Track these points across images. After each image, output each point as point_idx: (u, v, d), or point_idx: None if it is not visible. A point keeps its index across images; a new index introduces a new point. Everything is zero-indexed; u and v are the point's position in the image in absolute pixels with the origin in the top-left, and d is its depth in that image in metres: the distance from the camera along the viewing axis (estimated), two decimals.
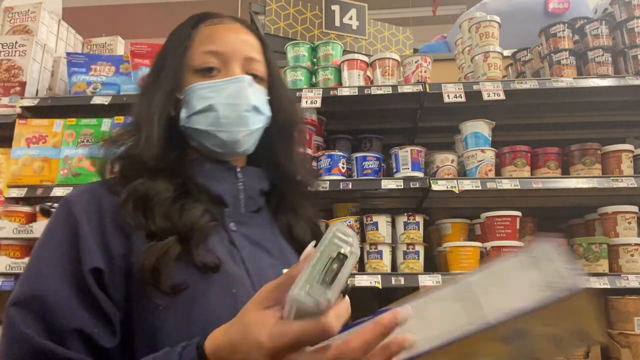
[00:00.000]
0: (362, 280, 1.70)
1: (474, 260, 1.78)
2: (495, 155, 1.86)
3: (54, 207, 0.78)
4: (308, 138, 1.88)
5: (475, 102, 1.81)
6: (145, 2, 5.77)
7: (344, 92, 1.87)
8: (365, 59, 2.01)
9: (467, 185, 1.75)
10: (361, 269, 1.88)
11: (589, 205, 1.95)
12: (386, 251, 1.83)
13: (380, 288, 1.68)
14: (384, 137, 2.15)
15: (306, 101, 1.82)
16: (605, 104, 2.01)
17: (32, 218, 1.91)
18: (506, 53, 2.17)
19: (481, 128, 1.86)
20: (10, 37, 2.18)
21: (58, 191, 1.87)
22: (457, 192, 1.73)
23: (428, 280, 1.68)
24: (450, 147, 2.03)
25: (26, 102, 2.01)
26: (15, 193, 1.90)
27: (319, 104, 1.82)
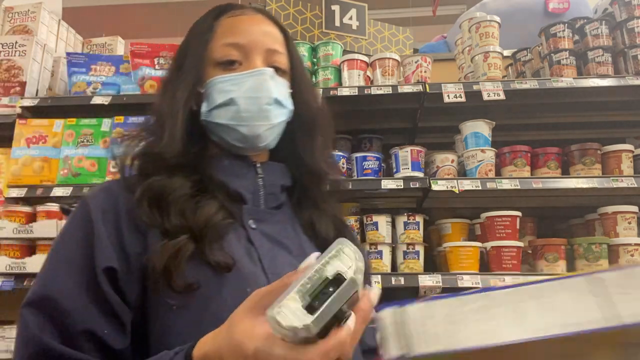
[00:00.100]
0: None
1: (474, 260, 1.78)
2: (495, 155, 1.86)
3: (74, 207, 0.77)
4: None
5: (475, 102, 1.81)
6: (145, 2, 5.77)
7: (344, 92, 1.87)
8: (365, 59, 2.01)
9: (467, 185, 1.75)
10: None
11: (589, 205, 1.95)
12: (386, 251, 1.83)
13: (380, 288, 1.68)
14: (384, 137, 2.14)
15: None
16: (605, 104, 2.01)
17: (32, 218, 1.91)
18: (506, 53, 2.17)
19: (481, 128, 1.86)
20: (10, 37, 2.18)
21: (58, 191, 1.87)
22: (457, 192, 1.73)
23: (428, 281, 1.68)
24: (450, 147, 2.03)
25: (26, 102, 2.01)
26: (15, 193, 1.90)
27: None
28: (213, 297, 0.67)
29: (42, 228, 1.83)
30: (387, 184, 1.79)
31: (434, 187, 1.76)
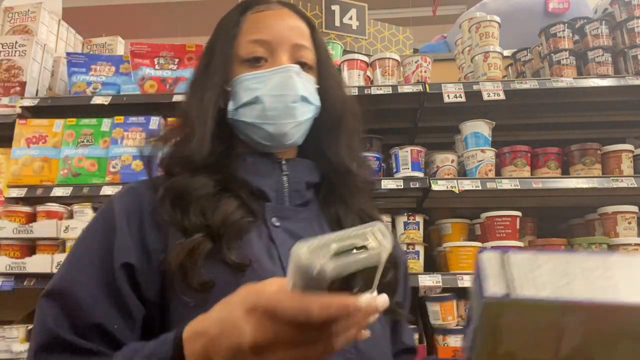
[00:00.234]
0: None
1: (474, 260, 1.78)
2: (495, 155, 1.86)
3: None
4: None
5: (475, 102, 1.81)
6: (145, 2, 5.77)
7: None
8: (365, 59, 2.01)
9: (467, 185, 1.75)
10: None
11: (589, 205, 1.95)
12: None
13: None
14: (384, 137, 2.14)
15: None
16: (605, 104, 2.01)
17: (32, 218, 1.91)
18: (506, 53, 2.17)
19: (481, 128, 1.86)
20: (10, 37, 2.18)
21: (58, 191, 1.87)
22: (457, 192, 1.73)
23: (428, 280, 1.68)
24: (450, 147, 2.03)
25: (26, 102, 2.01)
26: (15, 193, 1.90)
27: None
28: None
29: (42, 228, 1.83)
30: (387, 184, 1.79)
31: (434, 187, 1.76)
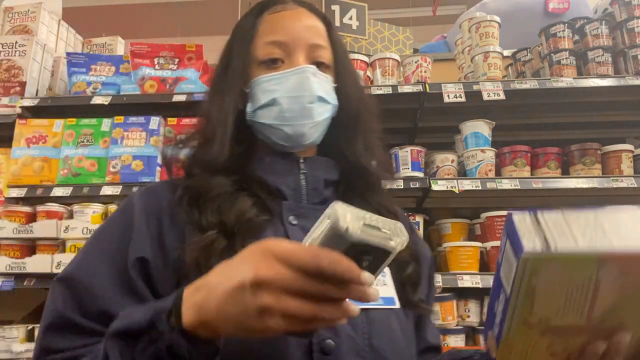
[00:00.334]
0: None
1: (474, 260, 1.78)
2: (495, 155, 1.86)
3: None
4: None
5: (475, 102, 1.81)
6: (145, 2, 5.77)
7: None
8: (365, 59, 2.01)
9: (467, 185, 1.75)
10: None
11: (589, 205, 1.94)
12: None
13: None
14: (384, 137, 2.14)
15: None
16: (605, 104, 2.01)
17: (32, 218, 1.91)
18: (506, 53, 2.17)
19: (481, 128, 1.86)
20: (10, 37, 2.18)
21: (58, 191, 1.87)
22: (457, 192, 1.73)
23: None
24: (450, 147, 2.03)
25: (26, 102, 2.01)
26: (15, 193, 1.90)
27: None
28: None
29: (42, 228, 1.83)
30: (387, 184, 1.78)
31: (434, 187, 1.76)
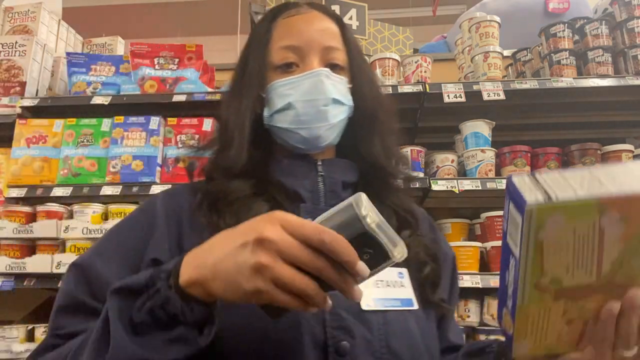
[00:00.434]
0: None
1: (474, 260, 1.78)
2: (495, 155, 1.86)
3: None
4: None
5: (475, 102, 1.81)
6: (145, 2, 5.77)
7: None
8: (365, 59, 2.01)
9: (467, 185, 1.75)
10: None
11: None
12: None
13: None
14: None
15: None
16: (605, 104, 2.01)
17: (32, 218, 1.90)
18: (506, 53, 2.17)
19: (481, 128, 1.86)
20: (10, 37, 2.18)
21: (58, 191, 1.87)
22: (457, 192, 1.73)
23: None
24: (450, 147, 2.03)
25: (26, 102, 2.01)
26: (15, 193, 1.90)
27: None
28: None
29: (42, 228, 1.83)
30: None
31: (434, 187, 1.76)
